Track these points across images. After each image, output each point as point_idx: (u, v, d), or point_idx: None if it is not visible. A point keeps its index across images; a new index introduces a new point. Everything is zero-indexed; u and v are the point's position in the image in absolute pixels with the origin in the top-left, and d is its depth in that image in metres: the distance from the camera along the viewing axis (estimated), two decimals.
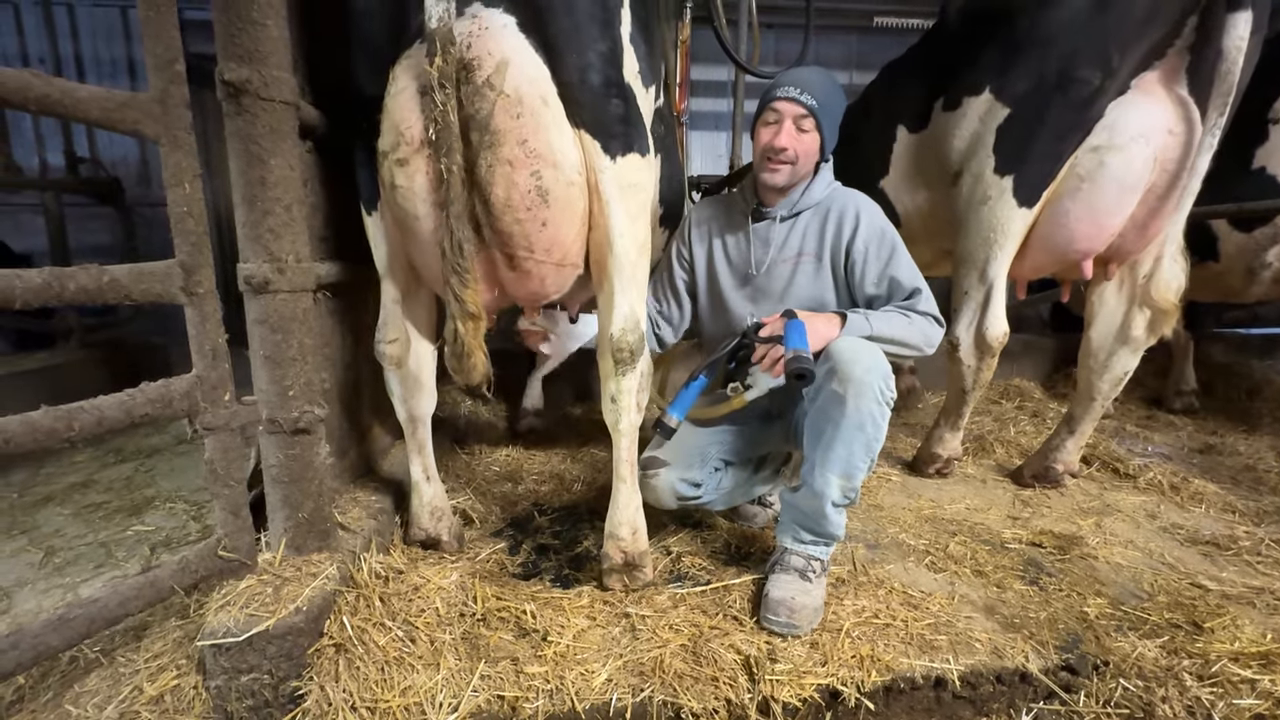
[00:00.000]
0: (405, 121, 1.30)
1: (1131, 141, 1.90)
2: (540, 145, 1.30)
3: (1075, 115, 1.92)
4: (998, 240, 2.09)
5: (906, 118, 2.51)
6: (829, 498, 1.51)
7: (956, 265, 2.25)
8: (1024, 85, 1.99)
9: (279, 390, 1.33)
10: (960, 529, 2.06)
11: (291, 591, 1.29)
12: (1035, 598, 1.66)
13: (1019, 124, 2.01)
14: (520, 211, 1.33)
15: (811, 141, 1.63)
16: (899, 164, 2.59)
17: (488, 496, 2.27)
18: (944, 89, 2.29)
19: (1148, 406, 3.63)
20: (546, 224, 1.37)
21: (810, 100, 1.59)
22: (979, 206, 2.12)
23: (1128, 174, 1.92)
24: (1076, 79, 1.89)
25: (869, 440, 1.46)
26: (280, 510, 1.38)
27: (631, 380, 1.47)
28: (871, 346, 1.49)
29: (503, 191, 1.31)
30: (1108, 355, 2.21)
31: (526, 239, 1.38)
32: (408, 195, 1.36)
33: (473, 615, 1.51)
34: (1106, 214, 1.99)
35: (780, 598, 1.48)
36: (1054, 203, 2.02)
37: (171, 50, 1.13)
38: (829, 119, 1.63)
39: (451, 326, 1.31)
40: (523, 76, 1.26)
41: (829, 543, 1.60)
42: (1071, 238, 2.05)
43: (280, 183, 1.28)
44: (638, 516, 1.59)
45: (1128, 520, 2.16)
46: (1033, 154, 1.99)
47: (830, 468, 1.49)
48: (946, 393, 2.49)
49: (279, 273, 1.29)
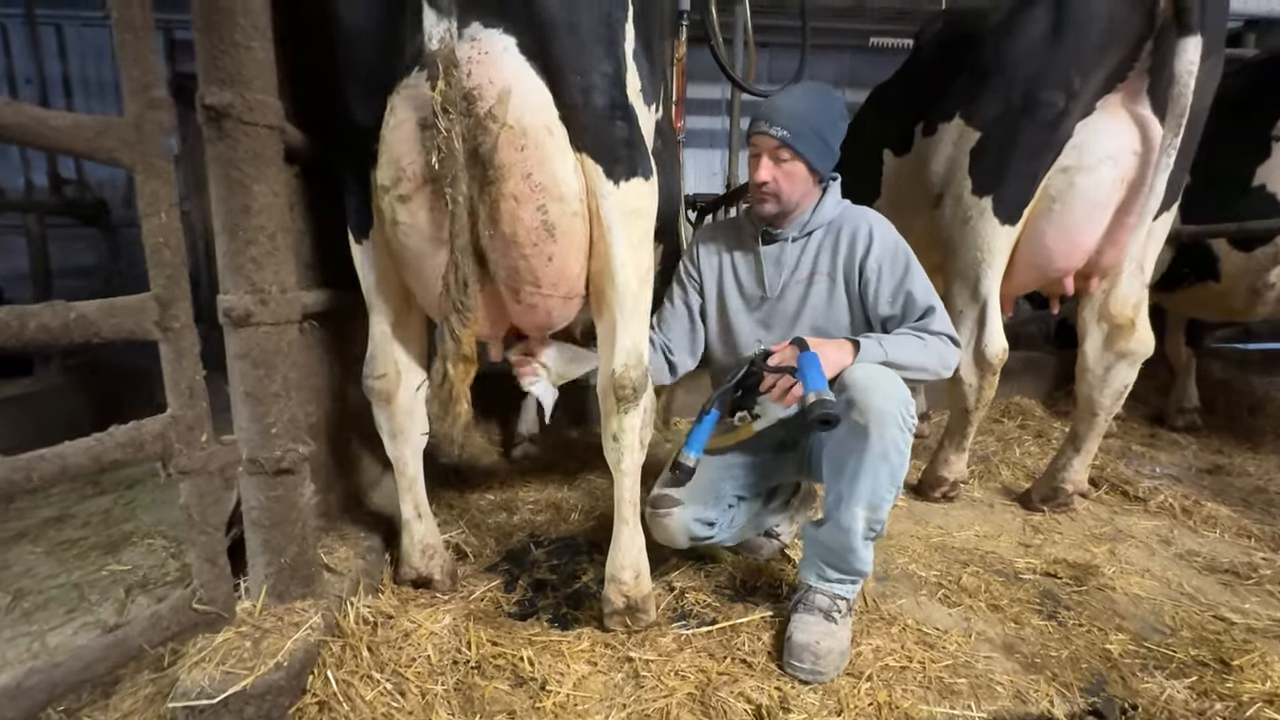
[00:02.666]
0: (406, 157, 1.24)
1: (1100, 163, 1.96)
2: (545, 178, 1.24)
3: (1044, 136, 1.98)
4: (985, 259, 2.12)
5: (891, 142, 2.61)
6: (856, 532, 1.44)
7: (949, 285, 2.26)
8: (992, 110, 2.07)
9: (261, 429, 1.25)
10: (972, 558, 2.00)
11: (272, 645, 1.21)
12: (1055, 634, 1.59)
13: (990, 147, 2.08)
14: (526, 248, 1.27)
15: (794, 169, 1.60)
16: (888, 187, 2.67)
17: (481, 529, 2.18)
18: (922, 115, 2.39)
19: (1150, 424, 3.59)
20: (553, 258, 1.31)
21: (780, 132, 1.55)
22: (962, 226, 2.16)
23: (1098, 193, 1.98)
24: (1041, 102, 1.95)
25: (894, 469, 1.41)
26: (261, 556, 1.30)
27: (635, 418, 1.40)
28: (889, 372, 1.44)
29: (509, 228, 1.25)
30: (1105, 369, 2.20)
31: (533, 274, 1.32)
32: (410, 231, 1.29)
33: (466, 663, 1.42)
34: (1079, 233, 2.05)
35: (804, 642, 1.40)
36: (1030, 223, 2.08)
37: (148, 75, 1.07)
38: (810, 142, 1.57)
39: (440, 369, 1.22)
40: (526, 106, 1.20)
41: (856, 580, 1.52)
42: (1050, 256, 2.10)
43: (264, 210, 1.21)
44: (641, 559, 1.52)
45: (1142, 547, 2.11)
46: (1007, 174, 2.04)
47: (856, 501, 1.42)
48: (949, 414, 2.44)
49: (261, 304, 1.22)
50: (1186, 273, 2.90)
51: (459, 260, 1.18)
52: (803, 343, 1.48)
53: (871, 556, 1.51)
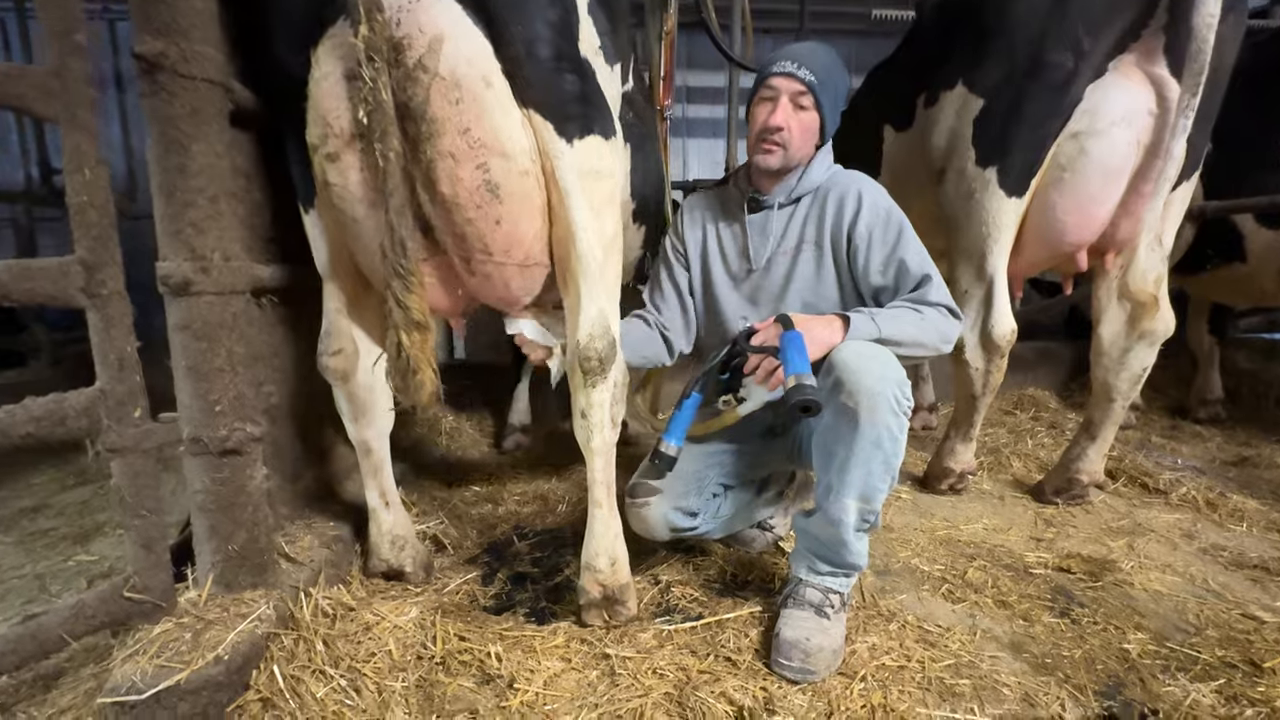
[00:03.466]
0: (333, 111, 1.15)
1: (1112, 126, 1.83)
2: (485, 134, 1.14)
3: (1051, 100, 1.86)
4: (991, 234, 2.00)
5: (893, 116, 2.49)
6: (848, 524, 1.33)
7: (953, 264, 2.14)
8: (996, 75, 1.95)
9: (204, 406, 1.17)
10: (979, 552, 1.88)
11: (214, 637, 1.12)
12: (1067, 632, 1.48)
13: (994, 115, 1.96)
14: (470, 210, 1.18)
15: (810, 121, 1.49)
16: (889, 163, 2.56)
17: (464, 520, 2.09)
18: (924, 85, 2.26)
19: (1171, 416, 3.43)
20: (501, 222, 1.21)
21: (809, 76, 1.45)
22: (965, 201, 2.04)
23: (1111, 159, 1.85)
24: (1048, 64, 1.83)
25: (887, 457, 1.29)
26: (207, 542, 1.22)
27: (603, 393, 1.30)
28: (881, 350, 1.32)
29: (448, 188, 1.16)
30: (1122, 351, 2.08)
31: (481, 240, 1.22)
32: (343, 194, 1.21)
33: (431, 658, 1.33)
34: (1093, 203, 1.92)
35: (793, 638, 1.30)
36: (1040, 195, 1.95)
37: (69, 19, 0.98)
38: (830, 97, 1.49)
39: (394, 338, 1.13)
40: (459, 56, 1.10)
41: (849, 573, 1.42)
42: (1061, 230, 1.98)
43: (204, 171, 1.13)
44: (617, 545, 1.42)
45: (1163, 541, 1.97)
46: (1013, 143, 1.92)
47: (847, 491, 1.31)
48: (955, 401, 2.31)
49: (202, 273, 1.13)
50: (1210, 253, 2.75)
51: (394, 222, 1.09)
52: (787, 320, 1.37)
53: (865, 549, 1.40)
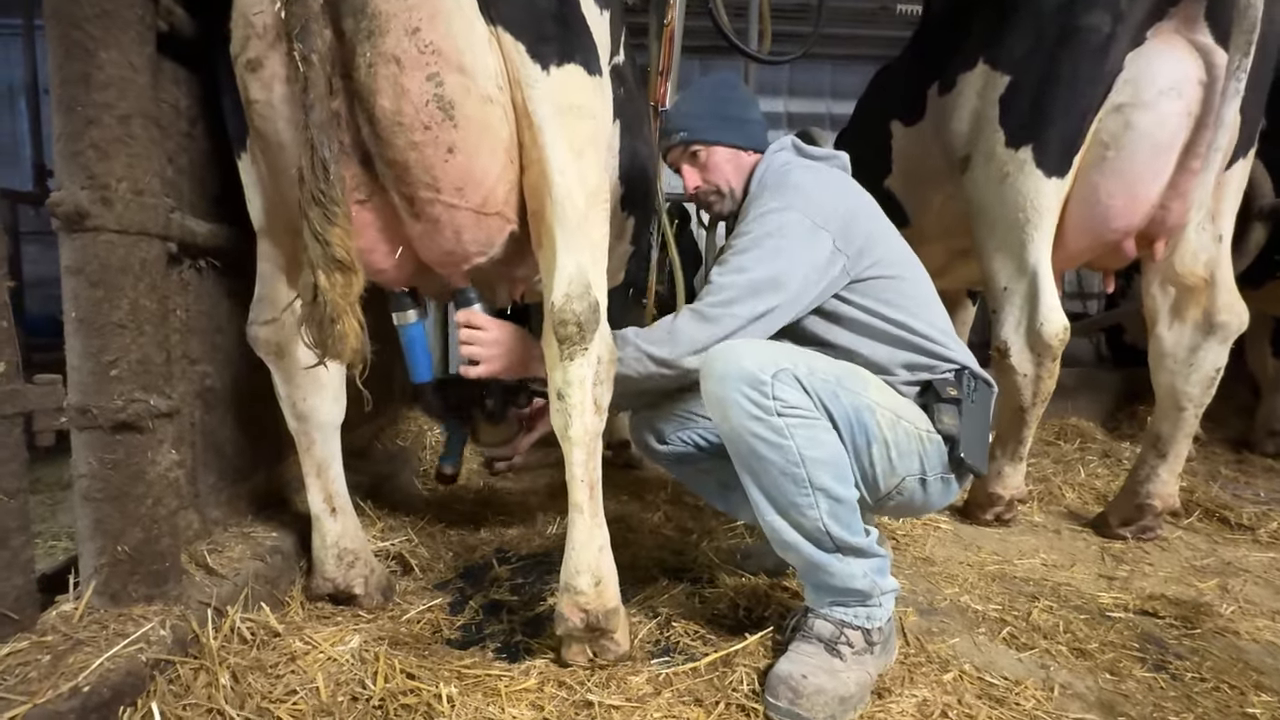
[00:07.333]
0: (255, 6, 0.97)
1: (1160, 96, 1.66)
2: (439, 38, 0.96)
3: (1089, 68, 1.68)
4: (1031, 219, 1.78)
5: (900, 111, 2.34)
6: (794, 542, 1.12)
7: (987, 262, 1.92)
8: (1022, 46, 1.79)
9: (96, 367, 0.95)
10: (1040, 591, 1.58)
11: (78, 661, 0.87)
12: (1170, 691, 1.17)
13: (1023, 90, 1.79)
14: (416, 131, 0.99)
15: (715, 158, 1.47)
16: (900, 161, 2.40)
17: (438, 540, 1.83)
18: (937, 74, 2.10)
19: (1235, 450, 3.09)
20: (455, 151, 1.02)
21: (681, 135, 1.48)
22: (998, 186, 1.84)
23: (1161, 132, 1.68)
24: (1081, 28, 1.67)
25: (781, 465, 1.08)
26: (90, 541, 0.98)
27: (583, 367, 1.06)
28: (723, 349, 1.15)
29: (390, 101, 0.97)
30: (1189, 350, 1.82)
31: (428, 171, 1.03)
32: (265, 112, 1.02)
33: (367, 700, 1.06)
34: (1140, 182, 1.72)
35: (785, 673, 1.07)
36: (1080, 177, 1.76)
37: None
38: (712, 124, 1.46)
39: (309, 280, 0.91)
40: None
41: (860, 603, 1.15)
42: (1106, 214, 1.77)
43: (113, 84, 0.94)
44: (602, 561, 1.15)
45: (1261, 582, 1.66)
46: (1049, 118, 1.73)
47: (763, 510, 1.14)
48: (1000, 416, 2.03)
49: (103, 204, 0.93)
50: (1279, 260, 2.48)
51: (315, 139, 0.88)
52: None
53: (862, 571, 1.14)
